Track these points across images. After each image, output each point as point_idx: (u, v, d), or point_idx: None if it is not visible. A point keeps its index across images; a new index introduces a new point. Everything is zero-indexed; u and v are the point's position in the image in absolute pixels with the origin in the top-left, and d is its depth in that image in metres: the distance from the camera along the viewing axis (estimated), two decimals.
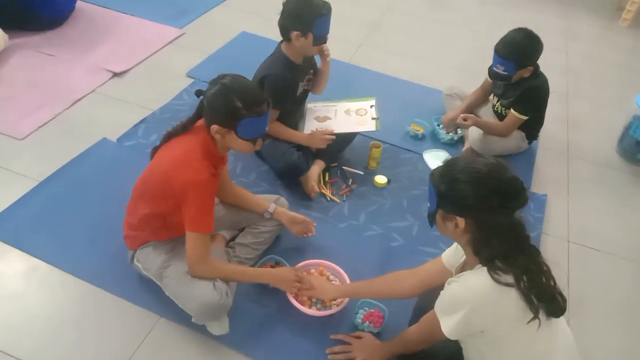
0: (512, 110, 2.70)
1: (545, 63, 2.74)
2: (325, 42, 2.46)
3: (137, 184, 1.87)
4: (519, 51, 2.55)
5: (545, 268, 1.38)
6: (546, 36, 2.65)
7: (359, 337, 1.88)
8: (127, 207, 1.95)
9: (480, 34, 4.22)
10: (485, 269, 1.34)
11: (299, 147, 2.56)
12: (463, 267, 1.52)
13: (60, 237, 2.16)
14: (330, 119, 2.70)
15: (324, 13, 2.35)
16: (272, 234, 2.17)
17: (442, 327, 1.42)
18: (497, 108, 2.86)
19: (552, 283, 1.37)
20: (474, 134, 2.82)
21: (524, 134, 2.84)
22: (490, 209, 1.31)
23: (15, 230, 2.17)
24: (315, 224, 2.21)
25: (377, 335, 1.91)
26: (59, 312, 1.93)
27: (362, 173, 2.69)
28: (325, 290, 1.93)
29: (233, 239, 2.16)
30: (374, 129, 2.63)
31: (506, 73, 2.59)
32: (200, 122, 1.79)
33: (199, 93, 1.77)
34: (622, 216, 2.70)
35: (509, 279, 1.31)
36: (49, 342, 1.83)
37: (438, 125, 3.04)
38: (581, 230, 2.56)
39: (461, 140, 2.97)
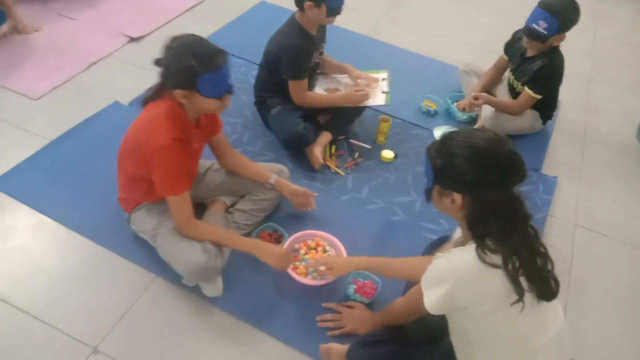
0: (526, 88, 2.62)
1: (570, 44, 2.65)
2: (339, 14, 2.41)
3: (122, 143, 1.88)
4: (567, 11, 2.42)
5: (542, 250, 1.35)
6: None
7: (350, 307, 1.89)
8: (117, 167, 1.96)
9: (502, 14, 4.09)
10: (474, 246, 1.32)
11: (306, 118, 2.56)
12: (459, 242, 1.50)
13: (68, 195, 2.22)
14: (340, 90, 2.68)
15: None
16: (272, 202, 2.19)
17: (424, 300, 1.40)
18: (511, 82, 2.78)
19: (547, 266, 1.34)
20: (486, 112, 2.77)
21: (538, 113, 2.77)
22: (488, 184, 1.27)
23: (24, 186, 2.24)
24: (316, 195, 2.21)
25: (369, 305, 1.93)
26: (61, 267, 1.99)
27: (369, 147, 2.67)
28: (343, 265, 1.87)
29: (234, 205, 2.18)
30: (383, 103, 2.61)
31: (546, 32, 2.44)
32: None
33: (157, 62, 1.71)
34: (634, 203, 2.63)
35: (496, 260, 1.28)
36: (50, 295, 1.90)
37: (453, 103, 2.99)
38: (589, 215, 2.51)
39: (476, 120, 2.91)
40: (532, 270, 1.30)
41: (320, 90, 2.68)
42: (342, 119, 2.66)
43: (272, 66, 2.48)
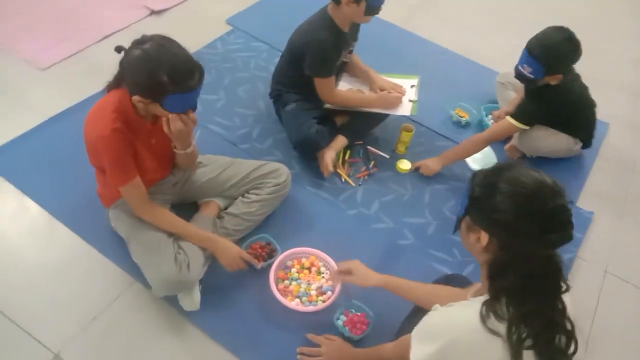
0: (507, 117, 2.33)
1: (616, 54, 2.33)
2: (378, 13, 2.17)
3: None
4: (553, 54, 2.13)
5: (568, 327, 1.14)
6: (622, 22, 2.21)
7: (330, 340, 1.71)
8: None
9: (557, 15, 3.72)
10: (480, 302, 1.12)
11: (322, 119, 2.35)
12: (479, 292, 1.30)
13: (57, 180, 2.09)
14: (362, 92, 2.45)
15: None
16: (264, 205, 1.99)
17: (411, 354, 1.23)
18: None
19: (567, 350, 1.14)
20: (520, 131, 2.49)
21: (577, 138, 2.47)
22: (523, 233, 1.08)
23: (14, 164, 2.13)
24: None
25: (359, 342, 1.74)
26: (38, 258, 1.88)
27: (388, 157, 2.45)
28: (367, 276, 1.69)
29: (227, 208, 2.01)
30: (408, 113, 2.37)
31: (532, 76, 2.19)
32: None
33: (119, 49, 1.53)
34: None
35: (500, 327, 1.09)
36: (21, 287, 1.80)
37: (487, 116, 2.72)
38: (625, 262, 2.22)
39: (509, 138, 2.63)
40: (545, 347, 1.11)
41: (343, 89, 2.46)
42: (361, 123, 2.44)
43: (295, 59, 2.27)
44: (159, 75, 1.44)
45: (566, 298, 1.20)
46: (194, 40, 2.89)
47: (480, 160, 2.50)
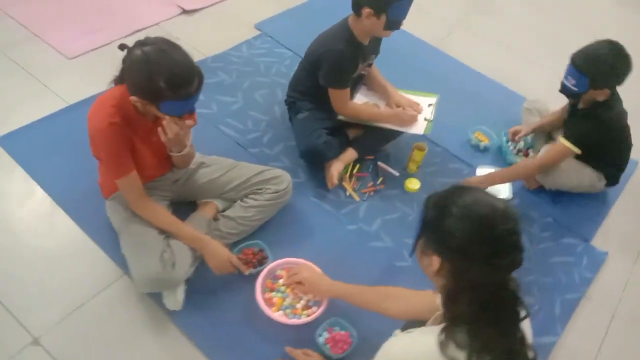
0: (560, 138, 2.21)
1: None
2: (398, 29, 2.12)
3: None
4: (598, 67, 2.03)
5: (530, 356, 1.10)
6: None
7: (307, 355, 1.67)
8: None
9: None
10: (439, 329, 1.09)
11: (333, 130, 2.32)
12: (438, 318, 1.26)
13: (66, 168, 2.13)
14: (378, 107, 2.41)
15: None
16: (262, 211, 1.97)
17: None
18: None
19: None
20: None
21: (601, 174, 2.34)
22: (472, 258, 1.06)
23: (28, 148, 2.18)
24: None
25: None
26: (36, 241, 1.92)
27: (398, 174, 2.39)
28: (319, 287, 1.73)
29: (225, 210, 2.01)
30: (421, 132, 2.31)
31: (576, 89, 2.09)
32: None
33: (122, 47, 1.55)
34: None
35: (460, 356, 1.04)
36: (16, 266, 1.84)
37: (507, 142, 2.63)
38: (636, 308, 2.10)
39: None
40: None
41: (359, 102, 2.42)
42: (374, 138, 2.40)
43: (311, 68, 2.25)
44: (156, 81, 1.45)
45: (526, 326, 1.14)
46: (221, 41, 2.93)
47: (495, 188, 2.41)
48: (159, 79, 1.45)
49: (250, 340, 1.74)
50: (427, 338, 1.08)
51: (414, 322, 1.45)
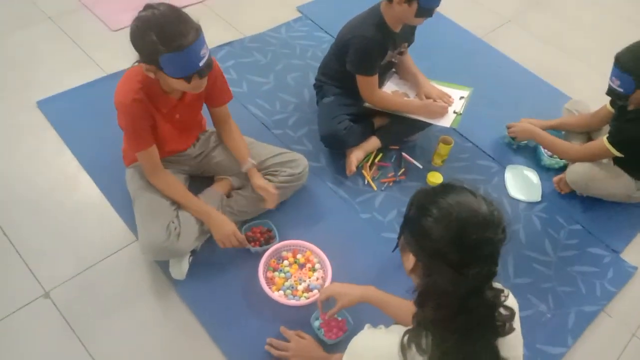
0: (604, 139, 2.09)
1: None
2: (431, 16, 2.06)
3: None
4: None
5: None
6: None
7: (301, 337, 1.68)
8: None
9: None
10: (403, 331, 1.06)
11: (358, 117, 2.29)
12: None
13: (96, 135, 2.22)
14: (408, 97, 2.35)
15: None
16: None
17: None
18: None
19: None
20: (575, 166, 2.27)
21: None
22: (443, 262, 1.01)
23: (63, 113, 2.30)
24: (276, 198, 1.93)
25: (332, 347, 1.69)
26: (58, 200, 2.02)
27: (421, 167, 2.34)
28: (350, 297, 1.58)
29: (240, 188, 2.03)
30: (448, 125, 2.24)
31: (621, 90, 1.96)
32: None
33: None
34: None
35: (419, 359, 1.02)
36: (37, 220, 1.95)
37: None
38: None
39: (564, 168, 2.40)
40: None
41: (389, 90, 2.38)
42: (399, 128, 2.35)
43: (340, 53, 2.23)
44: (149, 36, 1.46)
45: (513, 337, 1.09)
46: (260, 21, 2.96)
47: (523, 189, 2.32)
48: (151, 34, 1.45)
49: (246, 316, 1.77)
50: (391, 337, 1.06)
51: None
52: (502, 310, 1.07)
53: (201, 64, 1.54)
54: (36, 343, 1.65)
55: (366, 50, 2.12)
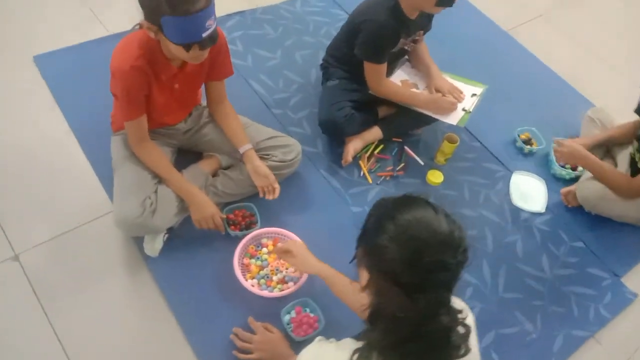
0: None
1: None
2: (451, 5, 1.91)
3: None
4: None
5: None
6: None
7: (269, 330, 1.61)
8: None
9: None
10: (354, 348, 0.98)
11: (361, 105, 2.17)
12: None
13: (89, 97, 2.14)
14: (417, 88, 2.23)
15: None
16: None
17: None
18: (633, 154, 2.08)
19: None
20: (588, 178, 2.13)
21: None
22: (394, 284, 0.93)
23: (59, 71, 2.23)
24: (278, 187, 1.86)
25: (299, 344, 1.62)
26: (39, 159, 1.97)
27: (422, 164, 2.22)
28: (305, 263, 1.61)
29: (228, 167, 1.96)
30: (454, 123, 2.11)
31: None
32: None
33: None
34: None
35: None
36: (18, 181, 1.90)
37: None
38: None
39: (576, 180, 2.26)
40: None
41: (398, 79, 2.25)
42: (404, 121, 2.24)
43: (350, 35, 2.10)
44: None
45: None
46: None
47: (528, 198, 2.20)
48: None
49: (216, 302, 1.71)
50: (340, 355, 0.99)
51: None
52: (459, 328, 1.00)
53: (204, 34, 1.45)
54: None
55: (377, 36, 1.99)
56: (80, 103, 2.13)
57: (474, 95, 2.21)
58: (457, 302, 1.04)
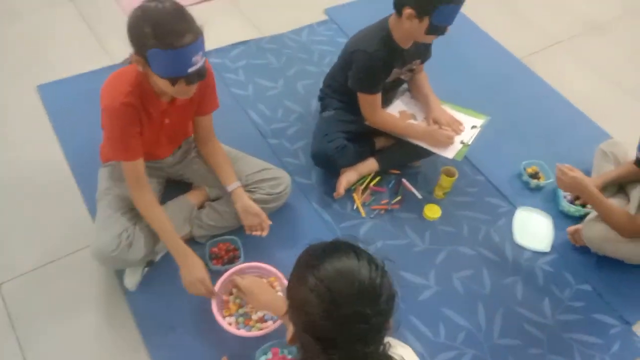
0: None
1: None
2: (443, 34, 1.86)
3: None
4: None
5: None
6: None
7: None
8: None
9: None
10: None
11: (357, 136, 2.12)
12: None
13: (88, 128, 2.09)
14: (415, 119, 2.16)
15: (455, 0, 1.77)
16: None
17: None
18: None
19: None
20: (594, 217, 2.00)
21: None
22: (312, 337, 0.90)
23: (60, 101, 2.29)
24: (270, 223, 1.81)
25: None
26: (36, 190, 2.00)
27: (420, 197, 2.14)
28: (259, 300, 1.57)
29: (216, 199, 1.93)
30: (451, 157, 2.03)
31: None
32: None
33: None
34: None
35: None
36: (9, 207, 1.93)
37: None
38: None
39: (584, 217, 2.13)
40: None
41: (396, 109, 2.20)
42: (402, 153, 2.17)
43: (344, 65, 2.07)
44: (142, 26, 1.36)
45: None
46: (283, 21, 2.84)
47: (532, 236, 2.08)
48: (146, 25, 1.36)
49: (190, 339, 1.67)
50: None
51: None
52: None
53: (190, 70, 1.42)
54: None
55: (367, 67, 1.95)
56: (77, 132, 2.17)
57: (474, 127, 2.13)
58: (399, 349, 0.98)
